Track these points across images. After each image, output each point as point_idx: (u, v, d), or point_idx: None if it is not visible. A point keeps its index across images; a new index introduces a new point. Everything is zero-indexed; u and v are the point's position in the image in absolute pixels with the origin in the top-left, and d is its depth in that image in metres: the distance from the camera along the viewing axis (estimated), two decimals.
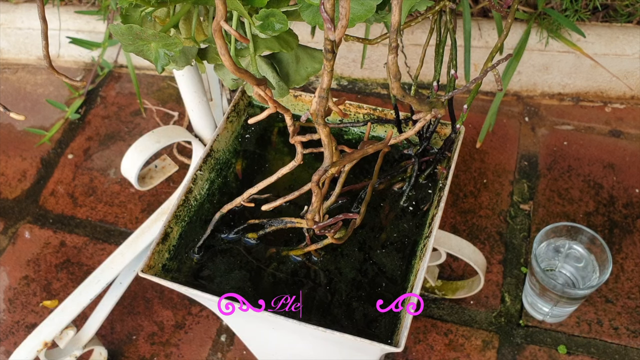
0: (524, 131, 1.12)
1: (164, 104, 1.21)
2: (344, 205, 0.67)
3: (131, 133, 1.17)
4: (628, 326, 0.89)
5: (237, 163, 0.71)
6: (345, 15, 0.34)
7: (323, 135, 0.45)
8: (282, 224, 0.64)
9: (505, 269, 0.95)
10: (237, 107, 0.72)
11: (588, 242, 0.84)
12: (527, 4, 1.13)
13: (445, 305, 0.92)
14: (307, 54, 0.53)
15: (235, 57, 0.50)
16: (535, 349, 0.88)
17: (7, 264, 1.00)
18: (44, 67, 1.29)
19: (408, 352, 0.89)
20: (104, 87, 1.24)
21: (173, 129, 0.76)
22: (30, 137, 1.17)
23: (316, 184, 0.47)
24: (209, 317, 0.93)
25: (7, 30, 1.29)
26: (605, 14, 1.15)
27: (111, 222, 1.04)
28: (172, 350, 0.90)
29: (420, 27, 1.15)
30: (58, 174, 1.11)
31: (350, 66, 1.21)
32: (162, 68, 0.45)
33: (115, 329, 0.93)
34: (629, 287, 0.92)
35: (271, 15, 0.44)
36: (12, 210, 1.07)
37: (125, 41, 0.43)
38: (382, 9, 0.48)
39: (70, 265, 1.00)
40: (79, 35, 1.24)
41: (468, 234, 0.98)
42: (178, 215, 0.64)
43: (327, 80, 0.40)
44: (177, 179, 1.06)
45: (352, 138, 0.73)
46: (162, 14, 0.48)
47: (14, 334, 0.93)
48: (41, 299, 0.96)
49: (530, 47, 1.11)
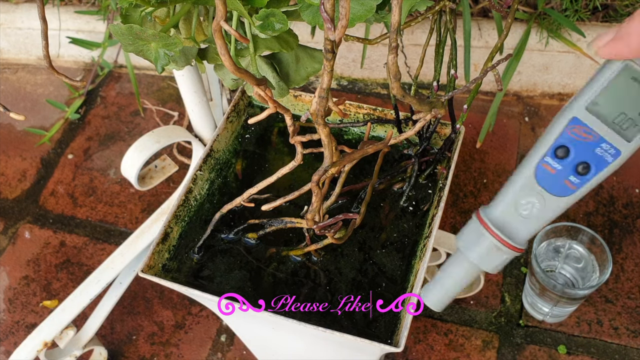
0: (524, 131, 1.12)
1: (164, 104, 1.21)
2: (344, 205, 0.67)
3: (131, 133, 1.17)
4: (628, 326, 0.89)
5: (237, 163, 0.71)
6: (345, 15, 0.34)
7: (323, 135, 0.45)
8: (282, 224, 0.64)
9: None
10: (237, 107, 0.72)
11: (588, 242, 0.84)
12: (527, 4, 1.13)
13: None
14: (307, 54, 0.53)
15: (235, 57, 0.50)
16: (535, 349, 0.88)
17: (7, 264, 1.00)
18: (44, 67, 1.29)
19: (408, 352, 0.89)
20: (104, 87, 1.24)
21: (173, 129, 0.76)
22: (30, 137, 1.17)
23: (316, 184, 0.47)
24: (209, 317, 0.93)
25: (7, 30, 1.29)
26: (605, 14, 1.15)
27: (111, 222, 1.04)
28: (172, 350, 0.90)
29: (420, 27, 1.15)
30: (58, 174, 1.11)
31: (350, 66, 1.21)
32: (162, 68, 0.45)
33: (115, 329, 0.93)
34: (629, 287, 0.92)
35: (271, 15, 0.44)
36: (12, 210, 1.07)
37: (125, 41, 0.43)
38: (382, 9, 0.48)
39: (70, 265, 1.00)
40: (79, 35, 1.24)
41: None
42: (178, 215, 0.64)
43: (327, 80, 0.40)
44: (177, 179, 1.06)
45: (352, 138, 0.73)
46: (162, 14, 0.48)
47: (14, 334, 0.93)
48: (41, 299, 0.96)
49: (530, 47, 1.11)
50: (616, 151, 0.40)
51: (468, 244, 0.46)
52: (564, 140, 0.41)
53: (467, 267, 0.47)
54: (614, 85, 0.39)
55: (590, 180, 0.41)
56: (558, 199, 0.42)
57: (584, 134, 0.40)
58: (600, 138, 0.40)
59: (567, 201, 0.42)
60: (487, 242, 0.45)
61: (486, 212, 0.45)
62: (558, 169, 0.42)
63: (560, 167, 0.42)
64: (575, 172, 0.41)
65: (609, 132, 0.40)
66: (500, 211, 0.44)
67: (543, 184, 0.42)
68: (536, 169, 0.42)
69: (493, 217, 0.45)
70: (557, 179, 0.42)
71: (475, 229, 0.45)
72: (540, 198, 0.43)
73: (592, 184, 0.42)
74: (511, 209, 0.44)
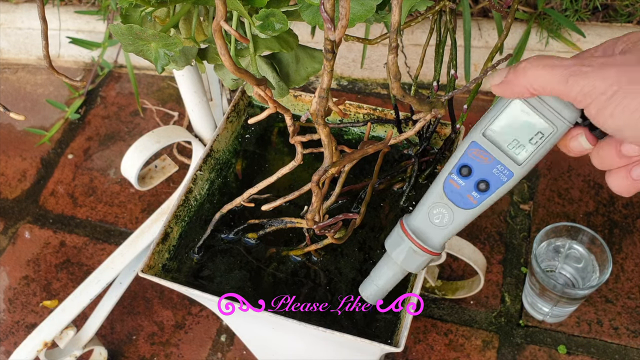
0: None
1: (164, 104, 1.21)
2: (343, 205, 0.67)
3: (131, 133, 1.17)
4: (628, 326, 0.89)
5: (237, 163, 0.71)
6: (345, 15, 0.34)
7: (323, 135, 0.45)
8: (282, 224, 0.64)
9: (505, 269, 0.95)
10: (237, 107, 0.72)
11: (588, 242, 0.84)
12: (527, 4, 1.13)
13: (445, 305, 0.92)
14: (307, 54, 0.53)
15: (235, 57, 0.50)
16: (535, 349, 0.88)
17: (7, 264, 1.00)
18: (44, 67, 1.29)
19: (408, 352, 0.89)
20: (104, 87, 1.24)
21: (173, 129, 0.76)
22: (30, 137, 1.17)
23: (316, 184, 0.47)
24: (209, 317, 0.93)
25: (7, 30, 1.29)
26: (605, 14, 1.15)
27: (111, 222, 1.04)
28: (172, 350, 0.90)
29: (420, 27, 1.15)
30: (58, 174, 1.11)
31: (350, 66, 1.21)
32: (162, 68, 0.45)
33: (115, 329, 0.93)
34: (629, 287, 0.92)
35: (271, 15, 0.44)
36: (12, 210, 1.07)
37: (125, 41, 0.43)
38: (382, 9, 0.48)
39: (70, 265, 1.00)
40: (79, 35, 1.24)
41: (468, 234, 0.98)
42: (178, 215, 0.64)
43: (327, 80, 0.40)
44: (177, 179, 1.06)
45: (352, 138, 0.73)
46: (162, 14, 0.48)
47: (14, 334, 0.93)
48: (41, 299, 0.96)
49: (530, 47, 1.11)
50: (509, 172, 0.45)
51: (392, 247, 0.52)
52: (466, 160, 0.46)
53: (394, 267, 0.52)
54: (506, 115, 0.44)
55: (489, 196, 0.47)
56: (464, 211, 0.48)
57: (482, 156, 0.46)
58: (496, 160, 0.45)
59: (472, 213, 0.48)
60: (406, 246, 0.50)
61: (407, 219, 0.51)
62: (462, 185, 0.47)
63: (463, 184, 0.47)
64: (477, 188, 0.47)
65: (503, 156, 0.45)
66: (417, 219, 0.50)
67: (450, 197, 0.48)
68: (444, 184, 0.48)
69: (412, 224, 0.50)
70: (461, 194, 0.47)
71: (398, 234, 0.51)
72: (449, 209, 0.48)
73: (491, 199, 0.47)
74: (426, 218, 0.49)
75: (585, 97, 0.38)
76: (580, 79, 0.38)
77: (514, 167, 0.45)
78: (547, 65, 0.39)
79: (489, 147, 0.45)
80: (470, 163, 0.46)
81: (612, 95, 0.37)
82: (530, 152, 0.45)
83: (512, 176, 0.46)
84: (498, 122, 0.45)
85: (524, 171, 0.46)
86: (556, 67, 0.39)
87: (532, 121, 0.44)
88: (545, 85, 0.40)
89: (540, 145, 0.44)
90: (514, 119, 0.44)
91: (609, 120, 0.37)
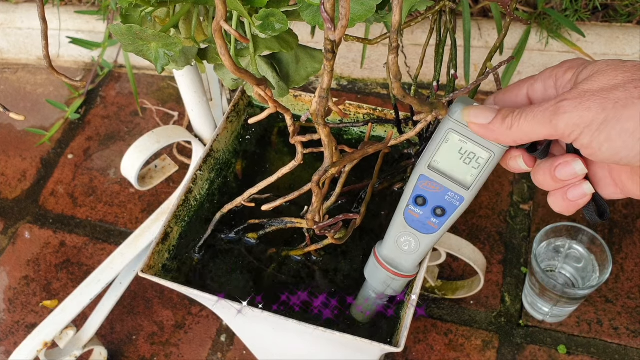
0: None
1: (164, 104, 1.21)
2: (344, 206, 0.67)
3: (131, 133, 1.17)
4: (628, 326, 0.89)
5: (237, 163, 0.71)
6: (345, 15, 0.34)
7: (323, 135, 0.45)
8: (282, 224, 0.64)
9: (505, 269, 0.95)
10: (237, 107, 0.72)
11: (588, 242, 0.84)
12: (527, 4, 1.13)
13: (445, 305, 0.92)
14: (307, 54, 0.53)
15: (235, 57, 0.49)
16: (535, 349, 0.88)
17: (7, 264, 1.00)
18: (44, 67, 1.29)
19: (408, 352, 0.89)
20: (104, 87, 1.24)
21: (173, 129, 0.76)
22: (30, 137, 1.17)
23: (316, 184, 0.47)
24: (209, 317, 0.93)
25: (7, 30, 1.29)
26: (605, 14, 1.15)
27: (111, 222, 1.04)
28: (172, 350, 0.90)
29: (420, 27, 1.15)
30: (58, 174, 1.11)
31: (350, 66, 1.21)
32: (162, 68, 0.45)
33: (115, 329, 0.93)
34: (629, 287, 0.92)
35: (271, 15, 0.44)
36: (12, 210, 1.07)
37: (125, 41, 0.43)
38: (382, 9, 0.48)
39: (70, 265, 1.00)
40: (79, 35, 1.24)
41: (468, 234, 0.98)
42: (178, 215, 0.64)
43: (327, 80, 0.40)
44: (177, 179, 1.06)
45: (352, 138, 0.73)
46: (162, 14, 0.48)
47: (14, 334, 0.93)
48: (41, 299, 0.96)
49: (530, 47, 1.11)
50: (460, 197, 0.48)
51: (370, 275, 0.56)
52: (419, 192, 0.49)
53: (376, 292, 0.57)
54: (446, 147, 0.47)
55: (447, 219, 0.50)
56: (427, 236, 0.51)
57: (432, 186, 0.49)
58: (445, 188, 0.48)
59: (436, 236, 0.51)
60: (383, 275, 0.55)
61: (380, 249, 0.54)
62: (420, 213, 0.50)
63: (421, 212, 0.50)
64: (434, 214, 0.50)
65: (451, 184, 0.48)
66: (387, 249, 0.53)
67: (412, 226, 0.51)
68: (405, 215, 0.51)
69: (384, 253, 0.54)
70: (422, 221, 0.50)
71: (374, 264, 0.55)
72: (414, 237, 0.52)
73: (450, 221, 0.50)
74: (395, 247, 0.53)
75: (574, 129, 0.38)
76: (563, 115, 0.38)
77: (463, 192, 0.48)
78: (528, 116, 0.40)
79: (436, 178, 0.48)
80: (423, 194, 0.49)
81: (604, 122, 0.37)
82: (475, 176, 0.47)
83: (463, 200, 0.48)
84: (440, 154, 0.47)
85: (474, 193, 0.48)
86: (535, 114, 0.40)
87: (470, 149, 0.46)
88: (530, 134, 0.41)
89: (483, 169, 0.47)
90: (453, 149, 0.46)
91: (604, 145, 0.38)
